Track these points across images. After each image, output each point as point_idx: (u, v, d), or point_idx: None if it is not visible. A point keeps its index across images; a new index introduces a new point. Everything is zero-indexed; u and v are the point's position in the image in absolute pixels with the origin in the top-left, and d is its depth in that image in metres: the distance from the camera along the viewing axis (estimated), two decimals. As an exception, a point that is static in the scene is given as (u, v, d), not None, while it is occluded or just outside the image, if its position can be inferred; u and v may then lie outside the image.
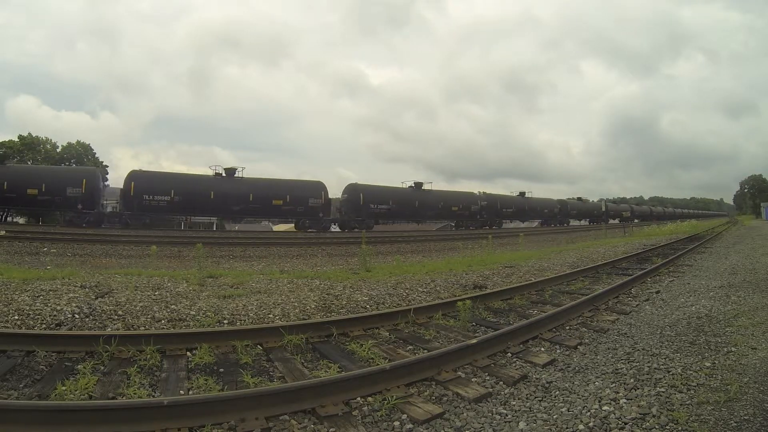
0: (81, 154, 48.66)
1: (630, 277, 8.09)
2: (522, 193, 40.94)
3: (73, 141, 49.66)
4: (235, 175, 24.80)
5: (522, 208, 39.54)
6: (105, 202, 24.69)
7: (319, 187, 26.77)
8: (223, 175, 24.62)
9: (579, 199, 52.61)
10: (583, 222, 49.88)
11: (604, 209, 50.26)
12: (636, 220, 54.20)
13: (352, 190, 28.00)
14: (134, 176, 22.80)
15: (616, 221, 51.45)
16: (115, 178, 39.46)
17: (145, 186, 22.28)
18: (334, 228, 28.24)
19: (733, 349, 4.05)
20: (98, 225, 21.46)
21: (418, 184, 31.15)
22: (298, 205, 25.50)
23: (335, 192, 28.63)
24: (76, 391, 3.12)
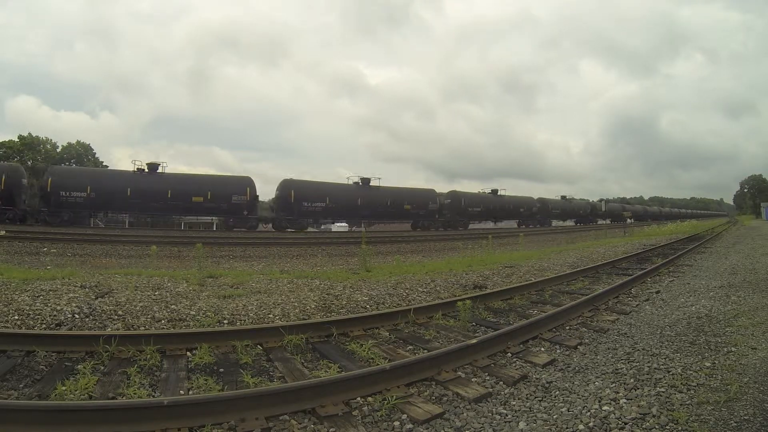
0: (81, 154, 48.71)
1: (630, 277, 8.09)
2: (495, 191, 38.22)
3: (73, 141, 49.76)
4: (158, 171, 24.13)
5: (492, 207, 36.34)
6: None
7: (243, 183, 25.18)
8: (145, 170, 23.80)
9: (563, 197, 49.28)
10: (568, 222, 46.96)
11: (604, 209, 49.32)
12: (632, 220, 52.75)
13: (284, 186, 26.40)
14: (51, 172, 22.54)
15: (607, 221, 48.45)
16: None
17: (61, 182, 21.85)
18: (265, 227, 26.80)
19: (733, 349, 4.05)
20: (21, 222, 21.24)
21: (365, 180, 29.05)
22: (221, 202, 24.23)
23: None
24: (76, 391, 3.12)
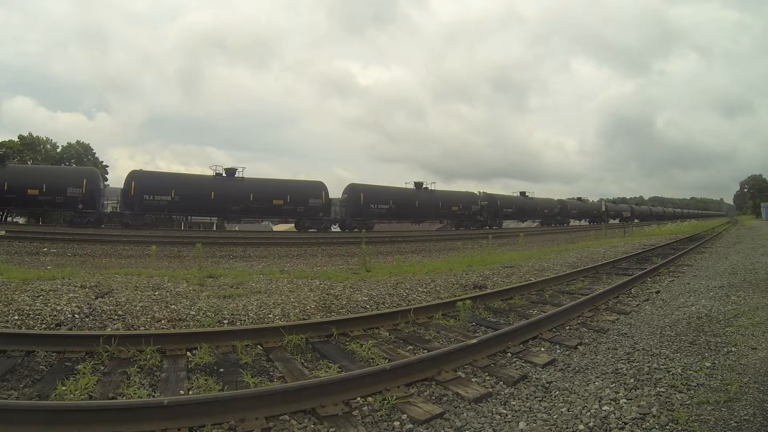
0: (81, 154, 48.74)
1: (630, 277, 8.09)
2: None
3: (71, 141, 49.80)
4: (424, 188, 30.78)
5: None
6: (105, 202, 24.44)
7: (474, 198, 32.22)
8: (413, 187, 30.27)
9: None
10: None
11: (603, 209, 50.29)
12: (636, 220, 54.62)
13: (352, 190, 28.37)
14: (357, 188, 26.57)
15: (616, 221, 51.73)
16: (114, 179, 39.89)
17: (369, 197, 26.63)
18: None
19: (733, 349, 4.05)
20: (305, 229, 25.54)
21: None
22: (465, 211, 31.92)
23: (335, 193, 29.42)
24: (76, 391, 3.12)
